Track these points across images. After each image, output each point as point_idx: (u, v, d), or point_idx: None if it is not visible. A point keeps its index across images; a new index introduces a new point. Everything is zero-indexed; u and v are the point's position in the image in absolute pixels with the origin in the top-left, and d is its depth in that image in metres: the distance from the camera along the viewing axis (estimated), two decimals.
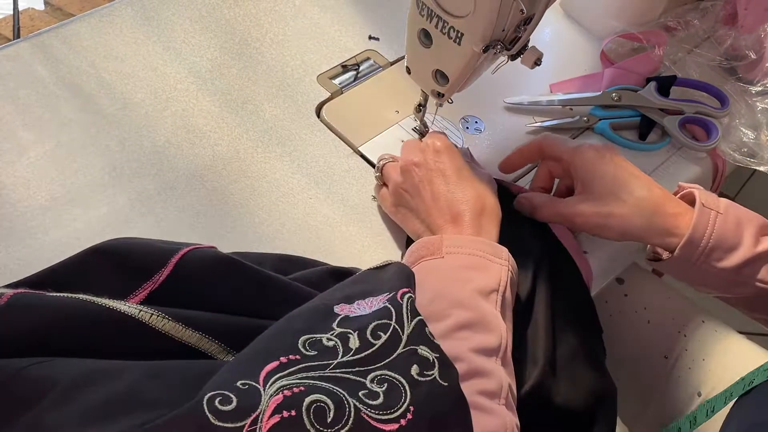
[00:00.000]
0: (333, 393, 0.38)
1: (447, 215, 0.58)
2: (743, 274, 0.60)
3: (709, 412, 0.65)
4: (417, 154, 0.62)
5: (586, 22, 0.87)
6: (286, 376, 0.38)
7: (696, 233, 0.59)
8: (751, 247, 0.59)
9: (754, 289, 0.61)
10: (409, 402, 0.39)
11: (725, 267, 0.60)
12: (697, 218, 0.59)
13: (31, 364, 0.39)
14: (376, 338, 0.43)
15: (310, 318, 0.45)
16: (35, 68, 0.73)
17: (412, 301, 0.46)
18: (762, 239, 0.60)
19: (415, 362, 0.42)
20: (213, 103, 0.74)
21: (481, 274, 0.53)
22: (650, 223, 0.60)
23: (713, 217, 0.59)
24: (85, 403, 0.37)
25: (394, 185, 0.63)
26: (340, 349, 0.42)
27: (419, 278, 0.52)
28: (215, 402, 0.35)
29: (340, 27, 0.82)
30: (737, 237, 0.59)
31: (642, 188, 0.60)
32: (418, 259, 0.56)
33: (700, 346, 0.76)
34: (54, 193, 0.65)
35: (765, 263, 0.60)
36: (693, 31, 0.84)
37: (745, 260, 0.59)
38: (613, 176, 0.61)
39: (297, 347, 0.41)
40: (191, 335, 0.45)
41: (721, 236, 0.59)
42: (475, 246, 0.55)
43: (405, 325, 0.44)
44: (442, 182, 0.60)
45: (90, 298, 0.44)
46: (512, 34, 0.58)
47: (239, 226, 0.65)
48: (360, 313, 0.45)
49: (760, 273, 0.60)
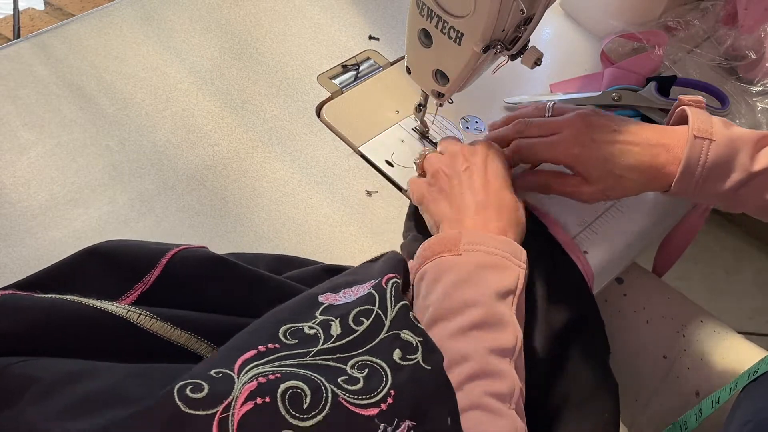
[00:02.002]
0: (310, 379, 0.37)
1: (480, 211, 0.57)
2: (741, 194, 0.61)
3: (714, 403, 0.65)
4: (469, 148, 0.62)
5: (586, 22, 0.87)
6: (263, 364, 0.38)
7: (688, 168, 0.60)
8: (747, 168, 0.60)
9: (755, 207, 0.62)
10: (389, 386, 0.39)
11: (721, 191, 0.61)
12: (689, 152, 0.60)
13: (15, 362, 0.39)
14: (359, 324, 0.42)
15: (294, 309, 0.45)
16: (35, 68, 0.73)
17: (396, 286, 0.46)
18: (758, 156, 0.61)
19: (398, 347, 0.42)
20: (213, 103, 0.74)
21: (498, 275, 0.52)
22: (648, 180, 0.62)
23: (705, 146, 0.60)
24: (66, 399, 0.37)
25: (436, 168, 0.61)
26: (321, 336, 0.41)
27: (434, 275, 0.52)
28: (186, 390, 0.35)
29: (340, 27, 0.83)
30: (731, 161, 0.60)
31: (630, 156, 0.61)
32: (434, 255, 0.54)
33: (699, 346, 0.76)
34: (54, 193, 0.65)
35: (761, 181, 0.61)
36: (693, 31, 0.84)
37: (741, 181, 0.60)
38: (603, 159, 0.62)
39: (277, 336, 0.41)
40: (180, 335, 0.45)
41: (714, 165, 0.60)
42: (496, 244, 0.54)
43: (388, 310, 0.44)
44: (485, 180, 0.59)
45: (77, 298, 0.44)
46: (512, 34, 0.58)
47: (239, 226, 0.65)
48: (345, 301, 0.45)
49: (757, 191, 0.61)
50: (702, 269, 1.61)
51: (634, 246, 0.71)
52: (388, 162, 0.71)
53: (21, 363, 0.39)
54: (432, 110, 0.71)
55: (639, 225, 0.70)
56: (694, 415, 0.67)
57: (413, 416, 0.39)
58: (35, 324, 0.42)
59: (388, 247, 0.65)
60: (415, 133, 0.74)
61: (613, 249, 0.69)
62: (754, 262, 1.65)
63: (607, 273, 0.69)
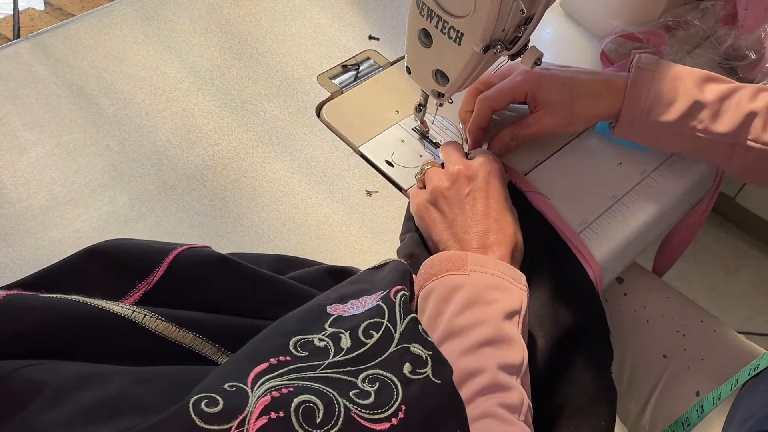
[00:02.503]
0: (323, 393, 0.38)
1: (482, 239, 0.58)
2: (687, 127, 0.64)
3: (715, 399, 0.66)
4: (470, 167, 0.61)
5: (586, 22, 0.87)
6: (276, 378, 0.38)
7: (632, 94, 0.64)
8: (692, 96, 0.64)
9: (701, 141, 0.65)
10: (401, 401, 0.39)
11: (668, 122, 0.64)
12: (633, 79, 0.65)
13: (22, 366, 0.39)
14: (368, 337, 0.42)
15: (303, 319, 0.44)
16: (35, 68, 0.73)
17: (405, 299, 0.46)
18: (704, 87, 0.64)
19: (408, 360, 0.42)
20: (213, 103, 0.74)
21: (504, 296, 0.53)
22: (600, 106, 0.67)
23: (649, 76, 0.65)
24: (74, 405, 0.37)
25: (438, 188, 0.61)
26: (331, 349, 0.41)
27: (443, 293, 0.52)
28: (201, 404, 0.35)
29: (340, 27, 0.83)
30: (674, 90, 0.64)
31: (584, 83, 0.66)
32: (442, 273, 0.55)
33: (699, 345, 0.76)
34: (54, 193, 0.65)
35: (705, 111, 0.64)
36: (693, 31, 0.84)
37: (686, 111, 0.64)
38: (560, 82, 0.66)
39: (288, 348, 0.41)
40: (185, 336, 0.44)
41: (659, 93, 0.64)
42: (498, 268, 0.55)
43: (398, 323, 0.44)
44: (487, 205, 0.59)
45: (83, 299, 0.43)
46: (512, 34, 0.58)
47: (239, 225, 0.65)
48: (353, 312, 0.45)
49: (702, 122, 0.64)
50: (702, 269, 1.61)
51: (634, 246, 0.71)
52: (388, 162, 0.71)
53: (28, 367, 0.39)
54: (432, 110, 0.71)
55: (639, 225, 0.70)
56: (695, 411, 0.67)
57: (424, 430, 0.39)
58: (42, 324, 0.42)
59: (388, 247, 0.65)
60: (415, 133, 0.74)
61: (613, 249, 0.69)
62: (754, 262, 1.65)
63: (607, 273, 0.69)
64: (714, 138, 0.64)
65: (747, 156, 0.64)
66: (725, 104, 0.64)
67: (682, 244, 0.85)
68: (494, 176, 0.61)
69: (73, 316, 0.42)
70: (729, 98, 0.64)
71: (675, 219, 0.76)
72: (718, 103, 0.64)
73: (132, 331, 0.43)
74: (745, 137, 0.63)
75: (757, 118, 0.63)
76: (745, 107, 0.63)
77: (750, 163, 0.65)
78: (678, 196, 0.73)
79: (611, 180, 0.72)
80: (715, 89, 0.64)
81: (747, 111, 0.63)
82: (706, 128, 0.64)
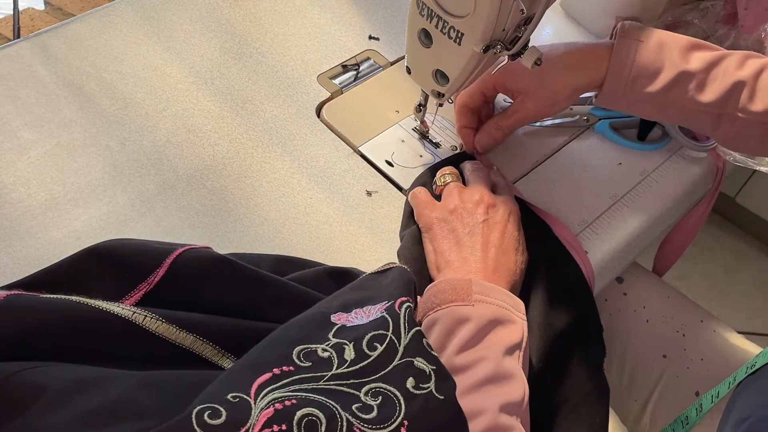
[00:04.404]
0: (325, 406, 0.37)
1: (489, 269, 0.58)
2: (671, 97, 0.63)
3: (714, 398, 0.66)
4: (494, 200, 0.61)
5: (586, 22, 0.87)
6: (279, 389, 0.38)
7: (616, 64, 0.62)
8: (677, 66, 0.62)
9: (686, 111, 0.63)
10: (403, 416, 0.39)
11: (653, 92, 0.62)
12: (616, 49, 0.63)
13: (22, 369, 0.38)
14: (372, 349, 0.42)
15: (306, 327, 0.44)
16: (35, 68, 0.73)
17: (410, 311, 0.45)
18: (689, 57, 0.62)
19: (411, 374, 0.41)
20: (213, 103, 0.74)
21: (506, 330, 0.53)
22: (580, 79, 0.65)
23: (634, 46, 0.62)
24: (75, 410, 0.36)
25: (458, 208, 0.61)
26: (335, 360, 0.41)
27: (447, 326, 0.52)
28: (204, 415, 0.35)
29: (340, 27, 0.83)
30: (660, 60, 0.62)
31: (561, 58, 0.64)
32: (446, 303, 0.54)
33: (699, 345, 0.76)
34: (54, 193, 0.65)
35: (692, 81, 0.62)
36: (693, 31, 0.84)
37: (671, 81, 0.62)
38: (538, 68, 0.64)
39: (291, 358, 0.40)
40: (185, 337, 0.44)
41: (643, 64, 0.62)
42: (500, 296, 0.55)
43: (402, 336, 0.43)
44: (501, 238, 0.59)
45: (83, 299, 0.43)
46: (512, 34, 0.58)
47: (239, 225, 0.65)
48: (357, 322, 0.45)
49: (688, 93, 0.62)
50: (702, 269, 1.61)
51: (634, 246, 0.71)
52: (388, 162, 0.71)
53: (28, 370, 0.38)
54: (432, 110, 0.71)
55: (639, 225, 0.70)
56: (695, 409, 0.67)
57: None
58: (42, 325, 0.41)
59: (388, 247, 0.65)
60: (415, 133, 0.74)
61: (613, 249, 0.69)
62: (754, 262, 1.65)
63: (607, 273, 0.69)
64: (700, 108, 0.62)
65: (733, 125, 0.62)
66: (712, 73, 0.61)
67: (682, 244, 0.85)
68: (514, 217, 0.62)
69: (73, 316, 0.42)
70: (716, 66, 0.62)
71: (675, 219, 0.76)
72: (704, 72, 0.61)
73: (132, 332, 0.43)
74: (733, 107, 0.61)
75: (745, 87, 0.61)
76: (732, 76, 0.61)
77: (737, 133, 0.63)
78: (678, 196, 0.73)
79: (611, 180, 0.72)
80: (701, 57, 0.62)
81: (734, 80, 0.61)
82: (692, 98, 0.62)
